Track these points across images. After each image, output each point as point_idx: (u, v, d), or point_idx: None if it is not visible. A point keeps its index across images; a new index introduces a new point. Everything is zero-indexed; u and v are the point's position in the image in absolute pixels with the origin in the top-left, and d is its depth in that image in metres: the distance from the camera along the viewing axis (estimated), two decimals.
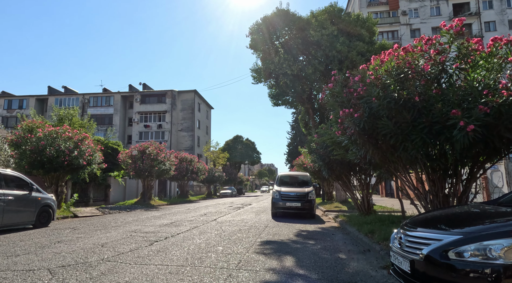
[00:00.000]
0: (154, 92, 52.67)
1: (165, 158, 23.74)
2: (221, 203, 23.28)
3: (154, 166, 22.23)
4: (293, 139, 53.13)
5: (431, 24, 41.26)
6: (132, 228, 8.93)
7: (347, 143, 6.12)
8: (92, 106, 52.52)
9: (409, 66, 4.80)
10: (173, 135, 51.10)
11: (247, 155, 55.48)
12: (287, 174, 14.46)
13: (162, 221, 10.81)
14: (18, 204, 8.90)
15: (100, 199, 25.19)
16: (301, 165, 22.81)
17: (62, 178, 14.48)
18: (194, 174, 30.95)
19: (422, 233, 3.14)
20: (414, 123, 4.72)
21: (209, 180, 38.76)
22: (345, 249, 6.20)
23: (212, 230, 8.35)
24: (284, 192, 11.96)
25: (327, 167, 9.95)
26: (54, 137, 13.49)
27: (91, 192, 24.03)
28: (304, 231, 8.63)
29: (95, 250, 5.75)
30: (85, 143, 14.20)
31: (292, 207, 11.66)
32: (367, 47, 15.97)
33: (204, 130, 58.67)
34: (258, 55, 16.20)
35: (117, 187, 26.97)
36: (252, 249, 5.95)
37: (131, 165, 22.17)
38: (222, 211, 15.01)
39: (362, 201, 10.47)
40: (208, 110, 62.04)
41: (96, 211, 15.19)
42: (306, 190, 12.08)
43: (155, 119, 51.51)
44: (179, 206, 20.94)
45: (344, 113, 5.46)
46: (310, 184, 13.06)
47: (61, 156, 13.11)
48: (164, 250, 5.72)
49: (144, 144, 23.36)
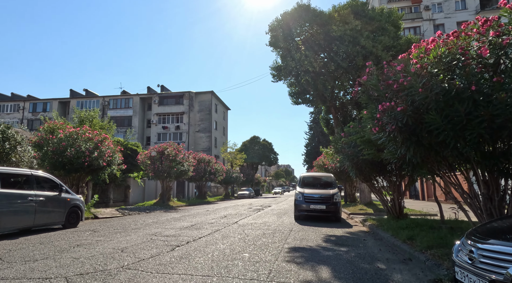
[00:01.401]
0: (172, 94, 53.09)
1: (183, 158, 23.63)
2: (240, 205, 22.92)
3: (172, 167, 22.13)
4: (311, 139, 52.28)
5: (456, 19, 39.52)
6: (152, 230, 8.64)
7: (384, 140, 5.55)
8: (112, 109, 53.50)
9: (462, 52, 4.21)
10: (191, 136, 51.31)
11: (264, 155, 55.00)
12: (310, 175, 13.89)
13: (182, 223, 10.50)
14: (49, 205, 8.86)
15: (119, 200, 25.39)
16: (321, 165, 22.14)
17: (82, 179, 14.49)
18: (212, 175, 30.77)
19: (500, 246, 2.58)
20: (469, 117, 4.12)
21: (227, 181, 38.55)
22: (382, 258, 5.63)
23: (235, 234, 7.94)
24: (308, 194, 11.41)
25: (355, 167, 9.34)
26: (74, 138, 13.50)
27: (111, 192, 24.23)
28: (332, 235, 8.08)
29: (114, 255, 5.44)
30: (104, 143, 14.16)
31: (316, 209, 11.10)
32: (392, 42, 15.22)
33: (221, 131, 58.65)
34: (278, 53, 15.73)
35: (136, 187, 27.15)
36: (281, 257, 5.48)
37: (150, 166, 22.16)
38: (242, 213, 14.60)
39: (393, 204, 9.79)
40: (225, 111, 62.02)
41: (116, 212, 15.13)
42: (331, 192, 11.50)
43: (173, 120, 51.89)
44: (198, 208, 20.72)
45: (383, 107, 4.92)
46: (334, 185, 12.46)
47: (82, 156, 13.09)
48: (187, 257, 5.34)
49: (163, 144, 23.33)
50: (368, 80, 5.71)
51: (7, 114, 54.13)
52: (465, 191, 5.38)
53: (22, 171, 8.81)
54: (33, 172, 8.89)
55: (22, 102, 54.65)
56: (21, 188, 8.35)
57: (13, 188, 8.16)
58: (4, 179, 7.88)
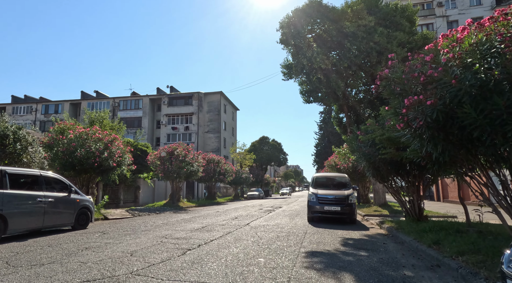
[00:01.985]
0: (181, 95, 53.19)
1: (193, 159, 23.47)
2: (250, 205, 22.61)
3: (182, 167, 21.98)
4: (321, 139, 51.68)
5: (470, 15, 38.45)
6: (163, 232, 8.40)
7: (409, 137, 5.17)
8: (122, 110, 53.90)
9: (502, 39, 3.81)
10: (200, 137, 51.29)
11: (273, 156, 54.60)
12: (324, 175, 13.48)
13: (192, 225, 10.25)
14: (58, 206, 8.73)
15: (130, 201, 25.38)
16: (333, 166, 21.67)
17: (93, 180, 14.39)
18: (222, 176, 30.56)
19: None
20: (509, 110, 3.73)
21: (236, 182, 38.31)
22: (407, 264, 5.24)
23: (247, 237, 7.63)
24: (322, 195, 11.03)
25: (372, 167, 8.93)
26: (84, 139, 13.41)
27: (121, 193, 24.22)
28: (349, 239, 7.70)
29: (123, 260, 5.19)
30: (114, 144, 14.03)
31: (330, 211, 10.71)
32: (407, 37, 14.72)
33: (230, 132, 58.50)
34: (289, 51, 15.38)
35: (146, 188, 27.12)
36: (299, 262, 5.14)
37: (160, 166, 22.06)
38: (253, 214, 14.29)
39: (412, 205, 9.33)
40: (233, 111, 61.88)
41: (126, 213, 15.00)
42: (346, 193, 11.09)
43: (182, 121, 51.97)
44: (208, 208, 20.50)
45: (410, 102, 4.54)
46: (349, 186, 12.03)
47: (91, 157, 12.98)
48: (199, 261, 5.05)
49: (172, 145, 23.22)
50: (391, 73, 5.34)
51: (20, 116, 55.07)
52: (500, 193, 4.95)
53: (31, 171, 8.68)
54: (42, 172, 8.77)
55: (35, 104, 55.53)
56: (30, 189, 8.21)
57: (22, 188, 8.03)
58: (13, 179, 7.74)
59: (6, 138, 13.25)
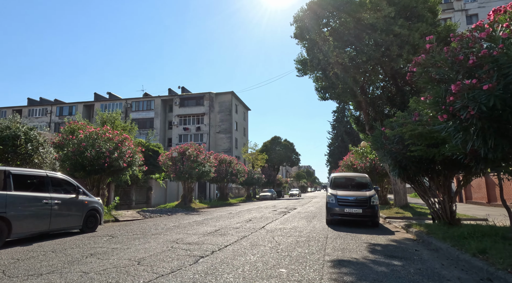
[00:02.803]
0: (192, 95, 53.07)
1: (204, 159, 23.05)
2: (263, 207, 22.02)
3: (194, 168, 21.58)
4: (334, 139, 50.68)
5: (491, 8, 36.85)
6: (174, 236, 7.89)
7: (452, 131, 4.48)
8: (134, 111, 54.17)
9: None
10: (211, 138, 51.02)
11: (286, 156, 53.85)
12: (342, 175, 12.75)
13: (205, 228, 9.72)
14: (65, 208, 8.34)
15: (142, 202, 25.17)
16: (350, 165, 20.87)
17: (103, 181, 14.07)
18: (234, 176, 30.07)
19: None
20: None
21: (248, 182, 37.77)
22: (452, 277, 4.55)
23: (264, 242, 7.04)
24: (342, 196, 10.34)
25: (399, 166, 8.20)
26: (94, 139, 13.09)
27: (133, 194, 24.03)
28: (376, 244, 7.02)
29: (129, 269, 4.67)
30: (125, 144, 13.67)
31: (351, 213, 10.00)
32: (430, 29, 13.84)
33: (242, 132, 58.06)
34: (303, 45, 14.71)
35: (158, 189, 26.89)
36: (326, 274, 4.52)
37: (171, 167, 21.71)
38: (268, 216, 13.69)
39: (442, 208, 8.55)
40: (245, 112, 61.44)
41: (137, 215, 14.63)
42: (368, 194, 10.37)
43: (194, 122, 51.83)
44: (220, 210, 20.01)
45: (459, 87, 3.86)
46: (370, 186, 11.29)
47: (101, 157, 12.64)
48: (213, 272, 4.49)
49: (184, 145, 22.86)
50: (430, 58, 4.66)
51: (36, 118, 56.02)
52: None
53: (37, 172, 8.32)
54: (48, 173, 8.40)
55: (50, 107, 56.40)
56: (36, 190, 7.84)
57: (27, 190, 7.66)
58: (18, 180, 7.37)
59: (18, 139, 13.06)
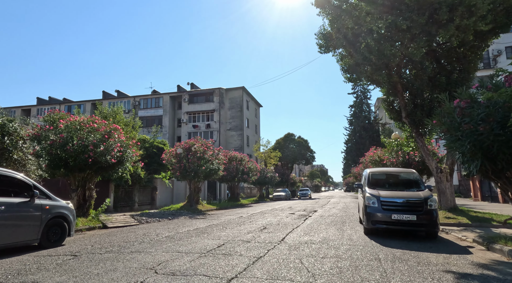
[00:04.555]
0: (202, 91, 51.03)
1: (212, 156, 20.76)
2: (278, 209, 19.55)
3: (201, 166, 19.32)
4: (351, 135, 47.73)
5: None
6: (157, 258, 5.53)
7: None
8: (142, 109, 52.55)
9: None
10: (222, 135, 48.84)
11: (300, 153, 51.10)
12: (382, 171, 10.10)
13: (205, 241, 7.35)
14: (13, 216, 6.08)
15: (146, 203, 23.09)
16: (377, 161, 18.20)
17: (90, 179, 11.89)
18: (245, 175, 27.68)
19: None
20: None
21: (261, 182, 35.33)
22: None
23: (289, 271, 4.59)
24: (387, 198, 7.78)
25: (483, 155, 5.61)
26: (77, 129, 10.92)
27: (135, 195, 21.94)
28: (462, 275, 4.48)
29: None
30: (114, 136, 11.43)
31: (401, 221, 7.44)
32: None
33: (253, 129, 55.67)
34: (327, 15, 12.15)
35: (164, 189, 24.72)
36: None
37: (176, 164, 19.49)
38: (286, 222, 11.23)
39: None
40: (256, 108, 59.02)
41: (131, 220, 12.41)
42: (422, 195, 7.79)
43: (203, 119, 49.76)
44: (230, 212, 17.66)
45: None
46: (421, 184, 8.68)
47: (85, 151, 10.46)
48: None
49: (189, 140, 20.62)
50: None
51: None
52: None
53: None
54: None
55: (58, 105, 55.38)
56: None
57: None
58: None
59: None
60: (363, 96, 48.18)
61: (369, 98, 48.44)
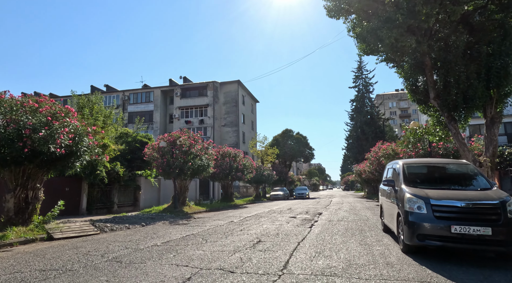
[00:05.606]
0: (195, 85, 48.29)
1: (201, 150, 18.13)
2: (276, 210, 16.98)
3: (187, 161, 16.68)
4: (352, 131, 45.23)
5: None
6: None
7: None
8: (132, 104, 49.76)
9: None
10: (216, 131, 46.17)
11: (298, 150, 48.52)
12: (421, 162, 7.35)
13: (165, 269, 4.71)
14: None
15: (127, 204, 20.40)
16: (391, 155, 15.66)
17: (34, 176, 9.19)
18: (240, 172, 25.05)
19: None
20: None
21: (257, 180, 32.73)
22: None
23: None
24: (441, 201, 5.20)
25: None
26: (9, 111, 8.23)
27: (115, 195, 19.22)
28: None
29: None
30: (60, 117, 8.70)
31: (468, 236, 4.86)
32: None
33: (250, 126, 53.03)
34: None
35: (149, 188, 21.98)
36: None
37: (158, 160, 16.83)
38: (288, 231, 8.64)
39: None
40: (253, 104, 56.38)
41: (89, 228, 9.71)
42: (494, 196, 5.23)
43: (197, 114, 47.05)
44: (220, 215, 15.05)
45: None
46: (484, 180, 6.11)
47: (18, 138, 7.79)
48: None
49: (175, 133, 17.96)
50: None
51: None
52: None
53: None
54: None
55: None
56: None
57: None
58: None
59: None
60: (365, 90, 45.71)
61: (371, 92, 46.02)
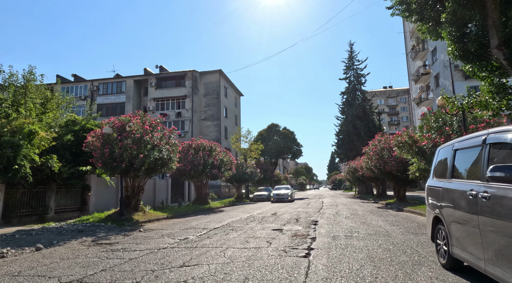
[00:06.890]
0: (172, 74, 43.83)
1: (161, 140, 14.01)
2: (257, 217, 13.02)
3: (139, 153, 12.52)
4: (343, 125, 41.78)
5: None
6: None
7: None
8: (102, 95, 44.83)
9: None
10: (195, 125, 41.88)
11: (285, 147, 44.73)
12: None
13: None
14: None
15: (71, 208, 15.96)
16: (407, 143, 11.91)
17: None
18: (216, 169, 20.95)
19: None
20: None
21: (239, 179, 28.72)
22: None
23: None
24: None
25: None
26: None
27: (51, 197, 14.72)
28: None
29: None
30: None
31: None
32: None
33: (233, 120, 48.94)
34: None
35: (103, 189, 17.52)
36: None
37: (99, 150, 12.56)
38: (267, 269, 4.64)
39: None
40: (237, 97, 52.28)
41: None
42: None
43: (173, 106, 42.59)
44: (179, 224, 10.95)
45: None
46: None
47: None
48: None
49: (123, 116, 13.73)
50: None
51: None
52: None
53: None
54: None
55: None
56: None
57: None
58: None
59: None
60: (357, 82, 42.35)
61: (363, 84, 42.69)
